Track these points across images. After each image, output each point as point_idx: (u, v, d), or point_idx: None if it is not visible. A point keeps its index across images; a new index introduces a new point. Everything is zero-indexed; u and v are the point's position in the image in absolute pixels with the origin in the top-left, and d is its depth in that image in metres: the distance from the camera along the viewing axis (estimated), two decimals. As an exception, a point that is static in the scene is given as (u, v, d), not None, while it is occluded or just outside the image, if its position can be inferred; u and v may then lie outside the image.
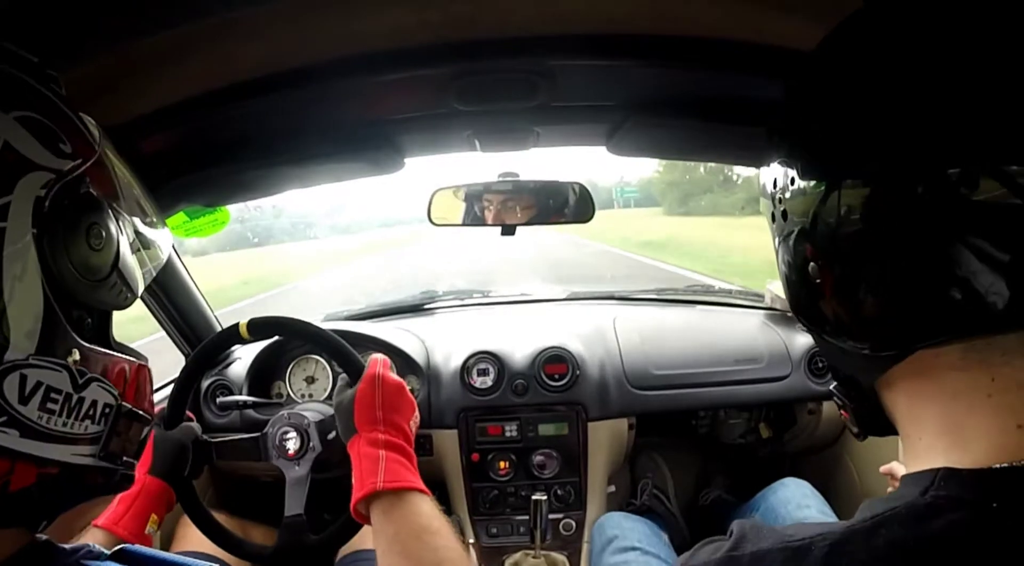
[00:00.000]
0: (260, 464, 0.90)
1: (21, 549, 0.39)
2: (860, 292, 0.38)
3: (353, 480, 0.68)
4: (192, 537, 0.97)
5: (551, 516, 1.31)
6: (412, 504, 0.65)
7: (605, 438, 1.34)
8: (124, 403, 0.44)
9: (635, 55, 0.70)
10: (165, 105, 0.72)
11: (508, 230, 1.12)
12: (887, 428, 0.46)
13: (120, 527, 0.77)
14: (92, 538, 0.75)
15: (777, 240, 0.44)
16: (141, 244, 0.47)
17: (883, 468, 1.10)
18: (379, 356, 0.80)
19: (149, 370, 0.49)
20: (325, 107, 0.83)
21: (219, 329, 1.35)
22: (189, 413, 0.92)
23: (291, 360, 1.38)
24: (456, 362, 1.35)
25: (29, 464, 0.37)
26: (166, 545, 1.18)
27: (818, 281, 0.40)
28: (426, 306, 1.70)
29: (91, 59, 0.57)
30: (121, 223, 0.45)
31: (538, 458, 1.32)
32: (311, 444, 0.87)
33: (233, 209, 1.12)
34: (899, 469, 1.08)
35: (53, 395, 0.38)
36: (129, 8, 0.53)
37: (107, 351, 0.43)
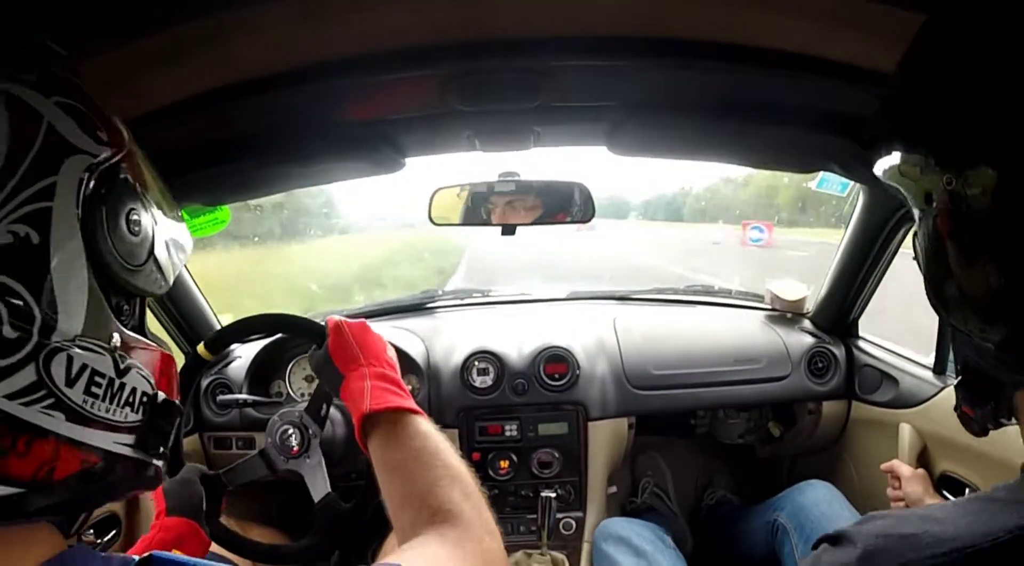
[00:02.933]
0: (270, 474, 0.90)
1: (60, 555, 0.38)
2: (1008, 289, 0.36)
3: (352, 417, 0.69)
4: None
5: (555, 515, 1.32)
6: (406, 426, 0.65)
7: (605, 438, 1.34)
8: (159, 392, 0.44)
9: (635, 55, 0.70)
10: (165, 104, 0.72)
11: (508, 230, 1.12)
12: (1001, 423, 0.44)
13: None
14: None
15: (925, 251, 0.43)
16: (168, 234, 0.48)
17: (884, 466, 1.11)
18: (334, 316, 0.80)
19: (174, 361, 0.49)
20: (325, 107, 0.83)
21: (219, 327, 1.35)
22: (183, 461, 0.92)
23: (291, 359, 1.38)
24: (456, 361, 1.35)
25: (74, 450, 0.37)
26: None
27: (996, 290, 0.37)
28: (426, 305, 1.70)
29: (91, 58, 0.57)
30: (152, 213, 0.45)
31: (538, 457, 1.32)
32: (310, 432, 0.88)
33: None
34: (900, 467, 1.08)
35: (97, 379, 0.38)
36: (128, 7, 0.53)
37: (143, 339, 0.43)
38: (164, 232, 0.47)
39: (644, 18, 0.65)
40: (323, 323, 0.79)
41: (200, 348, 0.88)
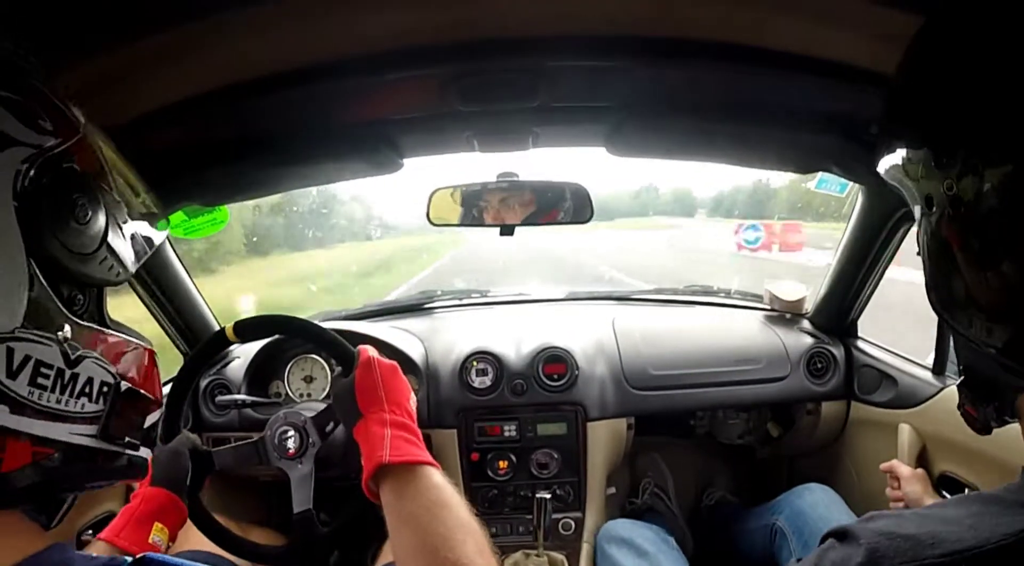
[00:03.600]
0: (260, 465, 0.89)
1: (37, 554, 0.38)
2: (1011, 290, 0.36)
3: (363, 461, 0.67)
4: (193, 538, 0.97)
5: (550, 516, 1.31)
6: (422, 478, 0.64)
7: (604, 438, 1.34)
8: (123, 382, 0.43)
9: (634, 56, 0.70)
10: (165, 105, 0.72)
11: (507, 230, 1.12)
12: (1004, 420, 0.44)
13: (121, 539, 0.76)
14: (94, 550, 0.74)
15: (928, 252, 0.43)
16: (132, 222, 0.47)
17: (883, 466, 1.11)
18: (367, 345, 0.79)
19: (154, 354, 0.48)
20: (324, 107, 0.83)
21: (217, 328, 1.35)
22: (184, 428, 0.92)
23: (289, 359, 1.38)
24: (455, 362, 1.35)
25: (23, 442, 0.37)
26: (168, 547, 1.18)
27: (1001, 292, 0.37)
28: (425, 306, 1.70)
29: (91, 59, 0.57)
30: (108, 200, 0.45)
31: (537, 458, 1.32)
32: (311, 440, 0.87)
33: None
34: (900, 467, 1.08)
35: (44, 369, 0.38)
36: (129, 8, 0.53)
37: (101, 329, 0.43)
38: (123, 219, 0.46)
39: (643, 19, 0.65)
40: (355, 350, 0.78)
41: (228, 328, 0.86)
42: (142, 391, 0.45)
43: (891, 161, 0.44)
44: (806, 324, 1.48)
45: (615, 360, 1.38)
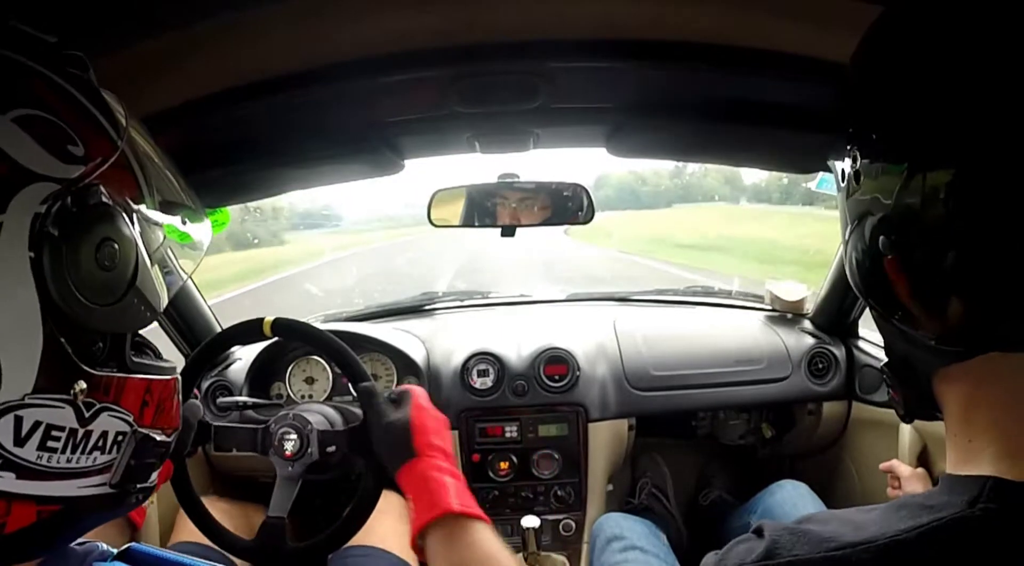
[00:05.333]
0: (260, 465, 0.90)
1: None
2: (940, 284, 0.35)
3: (413, 504, 0.65)
4: (190, 528, 0.98)
5: (551, 517, 1.31)
6: (478, 531, 0.62)
7: (605, 439, 1.34)
8: (140, 428, 0.40)
9: (634, 57, 0.70)
10: (166, 107, 0.72)
11: (508, 231, 1.12)
12: (935, 415, 0.43)
13: None
14: None
15: (849, 226, 0.43)
16: (169, 242, 0.42)
17: (883, 465, 1.11)
18: (417, 388, 0.78)
19: (177, 380, 0.45)
20: (325, 109, 0.83)
21: (218, 329, 1.35)
22: (196, 391, 0.92)
23: (291, 361, 1.38)
24: (456, 363, 1.35)
25: (28, 504, 0.34)
26: (165, 536, 1.18)
27: (893, 269, 0.38)
28: (425, 307, 1.70)
29: (93, 62, 0.57)
30: (144, 228, 0.39)
31: (538, 459, 1.32)
32: (309, 449, 0.87)
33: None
34: (899, 467, 1.08)
35: (55, 433, 0.34)
36: (131, 10, 0.53)
37: (122, 375, 0.39)
38: (155, 245, 0.41)
39: (643, 21, 0.65)
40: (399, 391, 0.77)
41: (267, 322, 0.84)
42: (158, 436, 0.41)
43: (840, 152, 0.43)
44: (807, 324, 1.48)
45: (616, 361, 1.39)
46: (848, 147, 0.41)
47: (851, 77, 0.42)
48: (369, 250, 13.44)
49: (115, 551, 0.40)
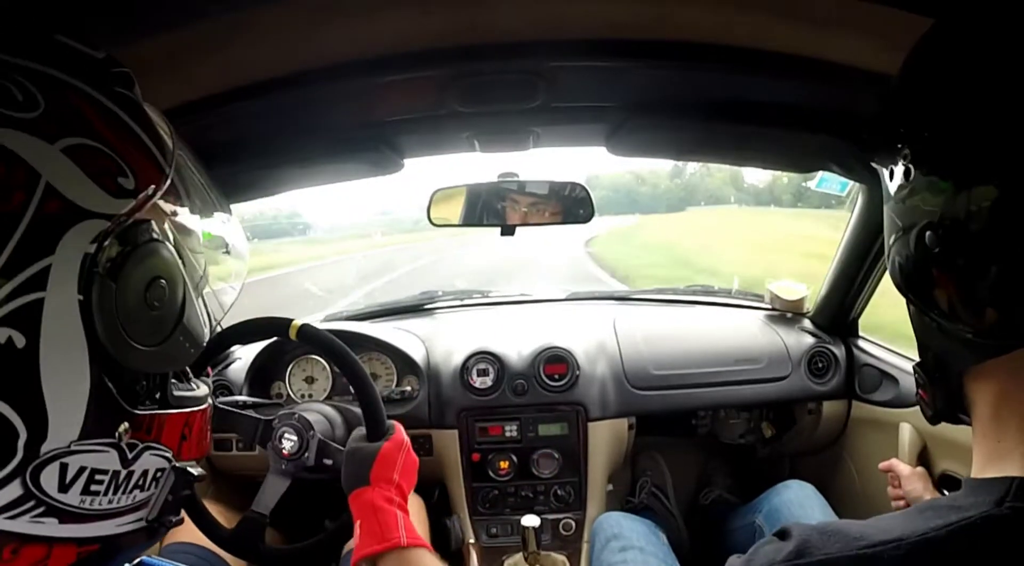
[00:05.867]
0: (259, 465, 0.89)
1: None
2: (982, 285, 0.36)
3: (360, 530, 0.68)
4: (188, 528, 0.98)
5: (551, 517, 1.31)
6: (424, 557, 0.66)
7: (605, 438, 1.34)
8: (178, 463, 0.39)
9: (634, 57, 0.70)
10: (167, 107, 0.72)
11: (508, 230, 1.12)
12: (960, 417, 0.44)
13: None
14: None
15: (895, 232, 0.43)
16: (213, 266, 0.41)
17: (882, 465, 1.11)
18: (401, 426, 0.80)
19: (211, 408, 0.43)
20: (325, 109, 0.83)
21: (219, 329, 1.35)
22: (209, 369, 0.91)
23: (291, 360, 1.38)
24: (456, 362, 1.35)
25: (69, 546, 0.33)
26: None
27: (939, 270, 0.39)
28: (426, 306, 1.70)
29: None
30: (190, 259, 0.37)
31: (538, 458, 1.32)
32: (306, 454, 0.87)
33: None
34: (899, 466, 1.08)
35: (98, 477, 0.33)
36: (130, 10, 0.53)
37: (163, 412, 0.37)
38: (198, 277, 0.39)
39: (643, 21, 0.65)
40: (391, 424, 0.79)
41: (294, 325, 0.84)
42: (194, 470, 0.40)
43: (885, 163, 0.44)
44: (807, 323, 1.48)
45: (616, 360, 1.39)
46: (898, 154, 0.42)
47: (902, 84, 0.43)
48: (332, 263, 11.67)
49: None
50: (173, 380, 0.42)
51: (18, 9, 0.44)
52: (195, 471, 0.41)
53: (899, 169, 0.42)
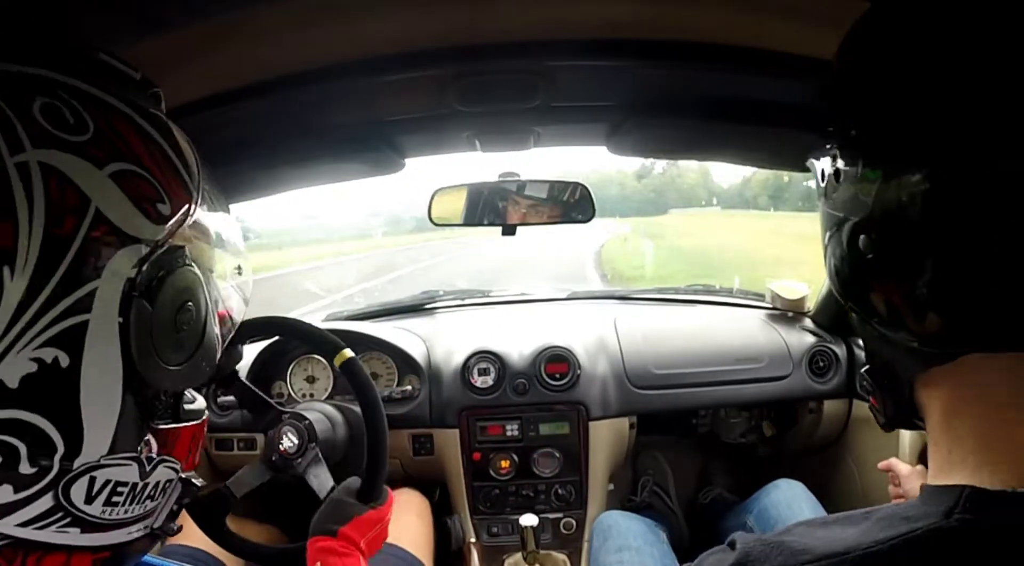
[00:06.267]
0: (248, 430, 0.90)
1: None
2: (920, 285, 0.34)
3: None
4: (189, 532, 0.98)
5: (552, 516, 1.32)
6: None
7: (606, 437, 1.34)
8: (184, 474, 0.40)
9: (634, 56, 0.70)
10: (167, 107, 0.72)
11: (508, 230, 1.12)
12: (915, 423, 0.42)
13: None
14: None
15: (828, 231, 0.41)
16: (226, 301, 0.42)
17: (881, 464, 1.10)
18: (393, 497, 0.82)
19: (207, 420, 0.45)
20: (326, 109, 0.83)
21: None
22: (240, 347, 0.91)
23: (291, 360, 1.38)
24: (457, 361, 1.35)
25: (84, 554, 0.35)
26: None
27: (873, 271, 0.37)
28: (426, 306, 1.70)
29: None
30: (211, 289, 0.39)
31: (539, 457, 1.32)
32: (298, 460, 0.88)
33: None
34: (899, 465, 1.08)
35: (120, 489, 0.35)
36: (130, 10, 0.53)
37: (176, 426, 0.39)
38: (216, 297, 0.40)
39: (643, 20, 0.65)
40: (385, 490, 0.80)
41: (344, 354, 0.84)
42: (197, 480, 0.42)
43: (820, 161, 0.43)
44: (808, 322, 1.47)
45: (617, 359, 1.39)
46: (828, 146, 0.41)
47: (834, 74, 0.41)
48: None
49: None
50: (184, 400, 0.43)
51: (19, 10, 0.44)
52: (198, 482, 0.43)
53: (828, 161, 0.40)
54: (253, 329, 0.87)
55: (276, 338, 1.33)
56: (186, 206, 0.36)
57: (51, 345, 0.29)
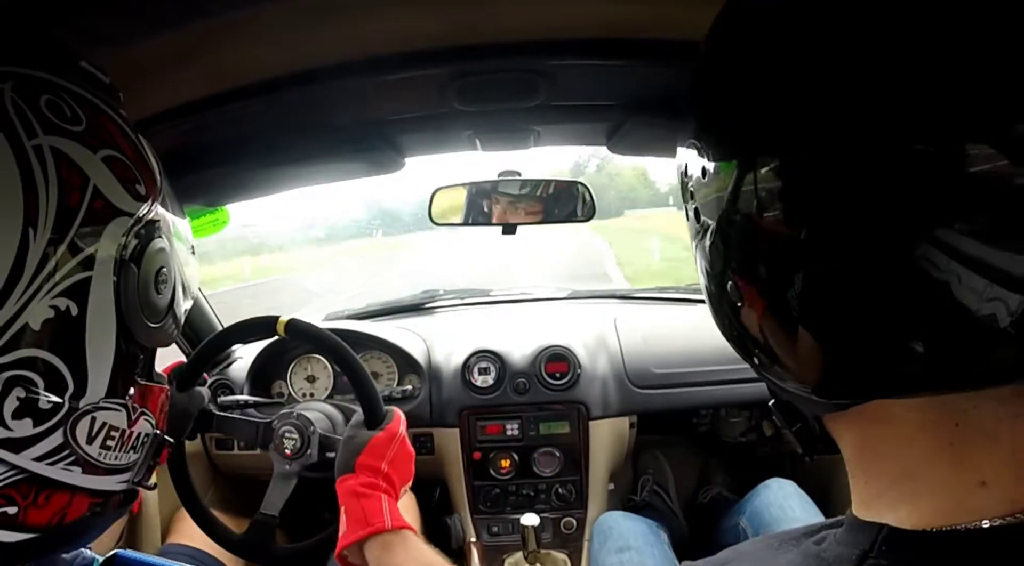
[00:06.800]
0: (260, 464, 0.90)
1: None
2: (794, 325, 0.29)
3: (344, 519, 0.69)
4: (187, 531, 0.98)
5: (552, 515, 1.32)
6: (412, 540, 0.67)
7: (606, 437, 1.34)
8: (158, 431, 0.45)
9: (635, 56, 0.70)
10: (167, 106, 0.72)
11: (509, 229, 1.12)
12: (837, 451, 0.38)
13: None
14: None
15: (693, 244, 0.36)
16: (184, 275, 0.48)
17: None
18: (402, 415, 0.80)
19: (169, 390, 0.51)
20: (325, 108, 0.83)
21: (219, 328, 1.35)
22: (205, 376, 0.92)
23: (292, 359, 1.38)
24: (457, 361, 1.35)
25: (84, 496, 0.39)
26: (165, 538, 1.19)
27: (739, 302, 0.32)
28: (427, 305, 1.70)
29: (91, 61, 0.57)
30: (177, 260, 0.45)
31: (539, 457, 1.32)
32: (308, 451, 0.87)
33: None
34: None
35: (112, 432, 0.40)
36: (130, 10, 0.53)
37: (152, 384, 0.44)
38: (181, 271, 0.47)
39: (643, 20, 0.65)
40: (389, 410, 0.80)
41: (281, 322, 0.85)
42: (167, 436, 0.47)
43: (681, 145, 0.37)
44: (808, 322, 1.47)
45: (617, 358, 1.39)
46: (688, 142, 0.35)
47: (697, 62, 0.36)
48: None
49: (101, 558, 0.45)
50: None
51: (19, 11, 0.44)
52: (169, 440, 0.48)
53: (692, 155, 0.34)
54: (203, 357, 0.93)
55: (276, 338, 1.33)
56: (155, 188, 0.42)
57: (64, 295, 0.35)
